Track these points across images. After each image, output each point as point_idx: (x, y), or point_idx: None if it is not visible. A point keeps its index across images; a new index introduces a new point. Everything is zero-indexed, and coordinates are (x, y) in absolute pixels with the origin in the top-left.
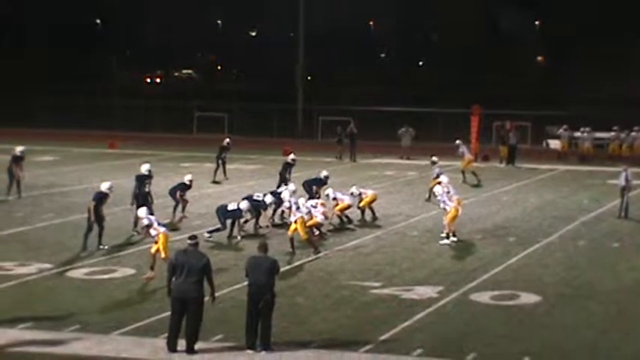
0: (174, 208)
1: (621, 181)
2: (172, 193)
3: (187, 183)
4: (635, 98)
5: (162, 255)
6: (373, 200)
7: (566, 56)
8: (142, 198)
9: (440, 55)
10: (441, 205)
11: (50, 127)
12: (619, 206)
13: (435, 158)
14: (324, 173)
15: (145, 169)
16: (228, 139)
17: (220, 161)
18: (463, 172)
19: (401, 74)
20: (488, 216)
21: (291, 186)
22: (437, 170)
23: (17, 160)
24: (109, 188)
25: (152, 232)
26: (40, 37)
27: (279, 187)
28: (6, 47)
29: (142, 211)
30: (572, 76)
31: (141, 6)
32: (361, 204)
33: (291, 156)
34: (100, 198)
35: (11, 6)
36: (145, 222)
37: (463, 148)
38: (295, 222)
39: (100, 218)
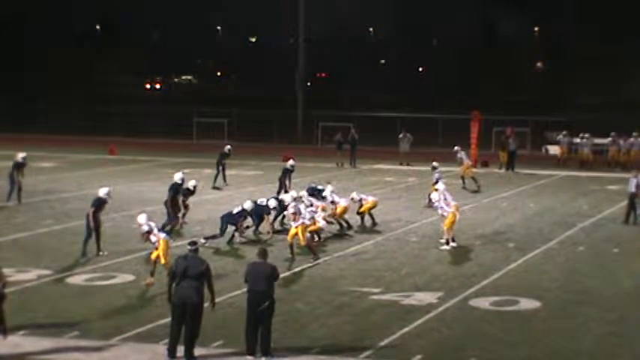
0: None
1: (631, 188)
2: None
3: (191, 189)
4: (632, 102)
5: (162, 261)
6: (373, 207)
7: (566, 62)
8: (175, 206)
9: (439, 61)
10: (439, 211)
11: (49, 133)
12: (626, 211)
13: (435, 164)
14: (329, 188)
15: (178, 177)
16: (229, 146)
17: (220, 167)
18: (463, 178)
19: (400, 80)
20: (487, 222)
21: (293, 192)
22: (436, 176)
23: (19, 166)
24: (107, 194)
25: (152, 238)
26: (41, 42)
27: (278, 193)
28: (6, 51)
29: (142, 218)
30: (572, 81)
31: (141, 12)
32: (361, 210)
33: (290, 162)
34: (99, 204)
35: (12, 9)
36: (145, 228)
37: (461, 154)
38: (296, 227)
39: (97, 224)
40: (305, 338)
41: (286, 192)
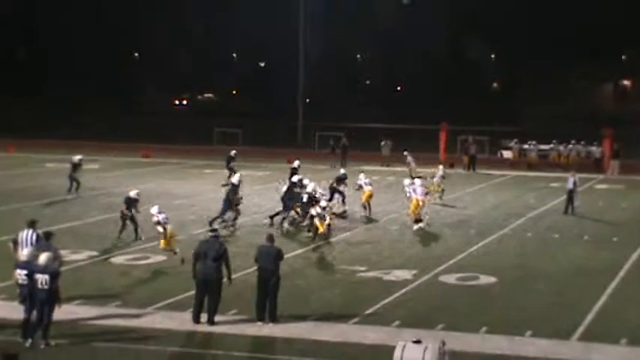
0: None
1: (569, 185)
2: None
3: (135, 198)
4: (571, 115)
5: (163, 246)
6: (370, 196)
7: (518, 81)
8: (229, 203)
9: (414, 82)
10: (408, 194)
11: (95, 140)
12: (565, 204)
13: (405, 152)
14: (342, 171)
15: (236, 179)
16: (234, 151)
17: (229, 169)
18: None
19: (382, 97)
20: (453, 213)
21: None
22: (409, 159)
23: (75, 166)
24: (137, 194)
25: (159, 228)
26: (86, 65)
27: (288, 190)
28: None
29: (154, 209)
30: (523, 97)
31: (172, 41)
32: (362, 200)
33: (297, 162)
34: (129, 202)
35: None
36: (155, 219)
37: (410, 159)
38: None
39: (131, 218)
40: (305, 308)
41: (300, 187)
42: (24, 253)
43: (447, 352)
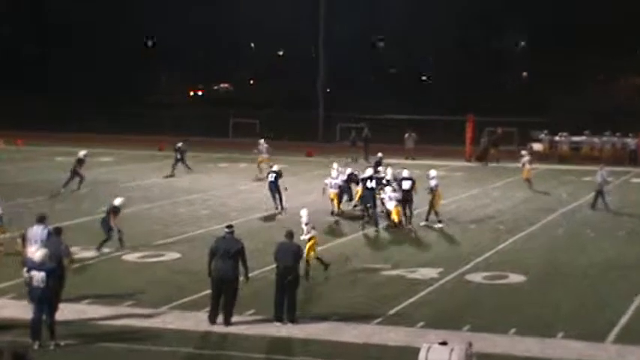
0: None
1: (597, 179)
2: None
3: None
4: (601, 108)
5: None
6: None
7: (548, 71)
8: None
9: (439, 72)
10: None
11: (108, 133)
12: (593, 199)
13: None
14: (379, 154)
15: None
16: (180, 143)
17: (177, 160)
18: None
19: (407, 87)
20: (481, 208)
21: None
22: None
23: (80, 161)
24: (122, 203)
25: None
26: (100, 58)
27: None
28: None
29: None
30: (553, 88)
31: (187, 31)
32: (436, 205)
33: (379, 154)
34: (110, 211)
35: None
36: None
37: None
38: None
39: (109, 227)
40: (325, 307)
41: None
42: (36, 253)
43: (474, 355)
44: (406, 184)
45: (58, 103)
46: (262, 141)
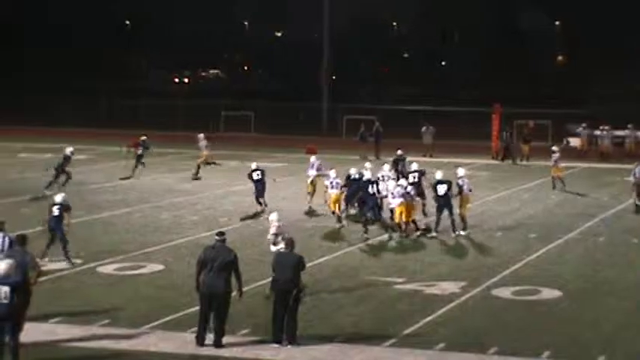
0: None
1: (635, 175)
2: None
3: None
4: None
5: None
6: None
7: (586, 55)
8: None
9: (461, 56)
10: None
11: (76, 127)
12: (635, 202)
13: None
14: (398, 151)
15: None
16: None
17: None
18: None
19: (423, 74)
20: (509, 213)
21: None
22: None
23: (67, 159)
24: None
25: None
26: (66, 36)
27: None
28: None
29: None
30: (592, 74)
31: (169, 7)
32: (462, 210)
33: (399, 151)
34: (63, 210)
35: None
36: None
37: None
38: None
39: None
40: (330, 327)
41: None
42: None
43: None
44: (441, 189)
45: (17, 91)
46: (202, 136)
